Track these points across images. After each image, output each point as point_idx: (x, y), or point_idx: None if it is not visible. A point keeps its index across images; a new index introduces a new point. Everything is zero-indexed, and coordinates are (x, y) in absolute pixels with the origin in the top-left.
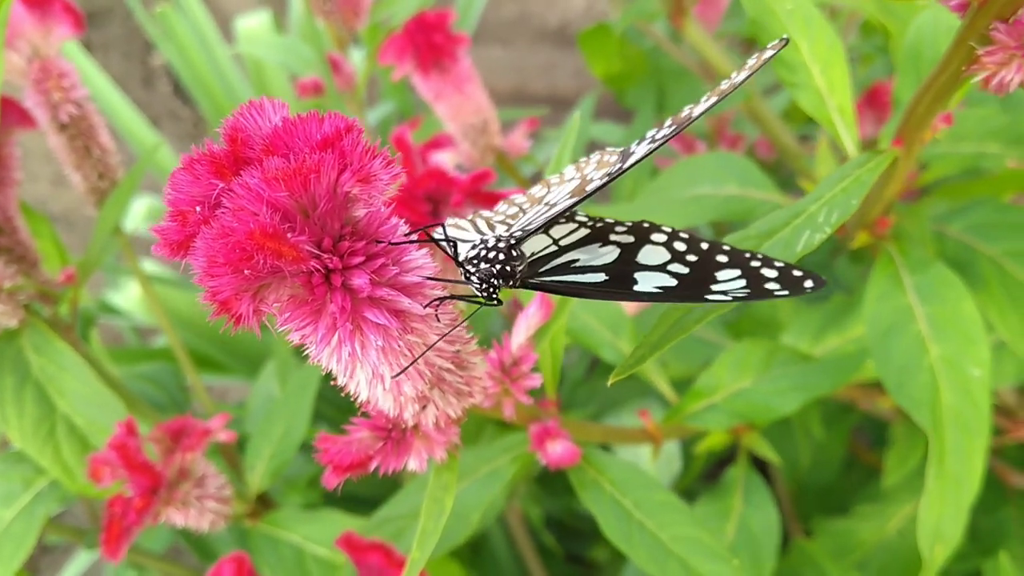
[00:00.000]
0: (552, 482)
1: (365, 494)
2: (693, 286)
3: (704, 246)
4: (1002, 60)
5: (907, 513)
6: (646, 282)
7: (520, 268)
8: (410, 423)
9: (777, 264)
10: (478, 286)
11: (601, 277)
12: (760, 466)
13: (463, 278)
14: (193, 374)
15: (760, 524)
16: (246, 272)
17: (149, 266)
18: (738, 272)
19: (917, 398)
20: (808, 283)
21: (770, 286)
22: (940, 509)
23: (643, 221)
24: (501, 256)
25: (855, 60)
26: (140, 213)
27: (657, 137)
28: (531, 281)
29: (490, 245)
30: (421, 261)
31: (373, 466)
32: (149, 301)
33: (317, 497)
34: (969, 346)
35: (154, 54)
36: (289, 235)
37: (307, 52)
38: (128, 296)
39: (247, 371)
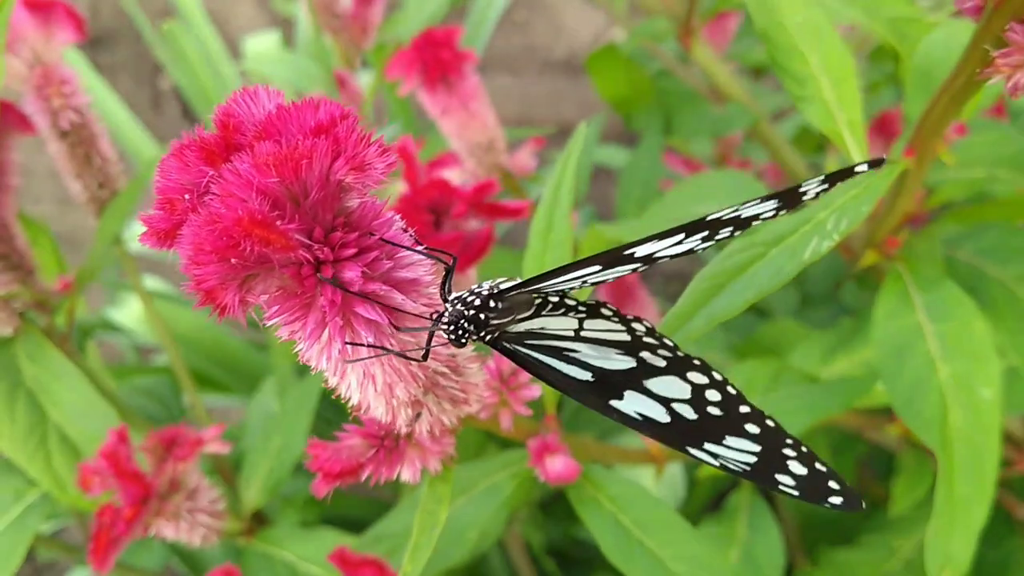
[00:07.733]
0: (553, 509)
1: (363, 516)
2: (684, 433)
3: (744, 409)
4: (1018, 62)
5: (914, 544)
6: (631, 404)
7: (496, 322)
8: (404, 431)
9: (818, 466)
10: (445, 326)
11: (587, 376)
12: (767, 496)
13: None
14: (191, 390)
15: (764, 551)
16: (233, 261)
17: (151, 282)
18: (758, 447)
19: (926, 418)
20: (836, 499)
21: (781, 477)
22: (949, 532)
23: (694, 357)
24: (477, 302)
25: (865, 89)
26: (138, 233)
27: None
28: (504, 344)
29: (475, 290)
30: (417, 257)
31: (364, 475)
32: (147, 314)
33: (315, 516)
34: (979, 366)
35: (162, 77)
36: (278, 223)
37: (313, 69)
38: (129, 313)
39: (249, 391)
